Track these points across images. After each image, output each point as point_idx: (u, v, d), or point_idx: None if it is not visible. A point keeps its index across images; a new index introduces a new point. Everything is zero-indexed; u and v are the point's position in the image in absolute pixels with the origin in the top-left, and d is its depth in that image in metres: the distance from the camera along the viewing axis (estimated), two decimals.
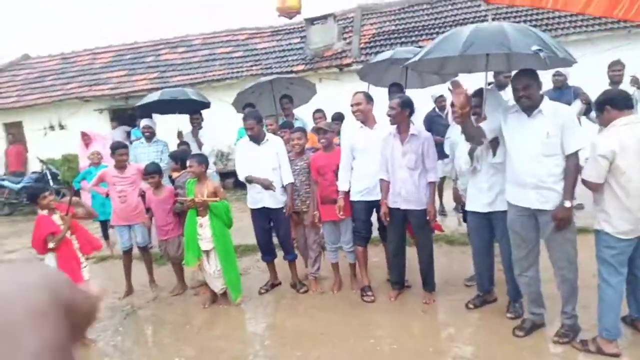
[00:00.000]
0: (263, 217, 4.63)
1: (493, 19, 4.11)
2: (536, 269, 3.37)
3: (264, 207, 4.57)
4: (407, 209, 3.96)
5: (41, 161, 10.91)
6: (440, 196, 6.48)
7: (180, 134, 6.46)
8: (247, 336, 3.97)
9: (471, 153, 3.61)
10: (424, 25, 10.99)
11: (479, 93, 3.62)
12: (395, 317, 3.92)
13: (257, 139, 4.54)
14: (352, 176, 4.24)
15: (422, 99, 5.95)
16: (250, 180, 4.46)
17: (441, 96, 6.26)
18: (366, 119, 4.19)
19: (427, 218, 3.94)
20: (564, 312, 3.25)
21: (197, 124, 6.40)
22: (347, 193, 4.25)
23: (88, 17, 38.75)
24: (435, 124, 6.05)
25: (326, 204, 4.35)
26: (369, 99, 4.21)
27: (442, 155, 4.92)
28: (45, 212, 4.05)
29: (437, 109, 6.36)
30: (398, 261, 4.23)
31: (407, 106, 3.92)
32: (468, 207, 3.80)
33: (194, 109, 6.50)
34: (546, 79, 4.19)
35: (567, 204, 3.01)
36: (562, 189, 3.04)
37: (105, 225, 6.42)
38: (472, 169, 3.67)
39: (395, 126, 3.97)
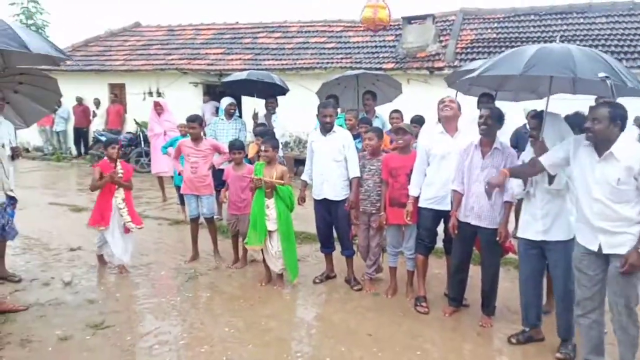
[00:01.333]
0: (323, 209, 4.69)
1: (562, 41, 3.82)
2: (601, 313, 3.07)
3: (324, 199, 4.62)
4: (478, 225, 3.80)
5: (137, 123, 11.76)
6: (517, 218, 6.13)
7: (255, 115, 6.69)
8: (295, 321, 4.03)
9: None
10: (528, 37, 10.40)
11: (538, 115, 3.40)
12: (447, 335, 3.79)
13: (326, 129, 4.58)
14: (423, 182, 4.14)
15: (512, 113, 5.67)
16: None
17: (534, 110, 5.88)
18: (450, 124, 4.06)
19: (497, 238, 3.76)
20: None
21: (271, 108, 6.60)
22: (417, 198, 4.16)
23: None
24: (523, 141, 5.72)
25: (394, 206, 4.28)
26: (459, 106, 4.10)
27: None
28: (107, 160, 5.01)
29: (527, 125, 6.00)
30: (459, 277, 4.08)
31: (499, 120, 3.76)
32: (519, 234, 3.57)
33: (272, 93, 6.69)
34: None
35: None
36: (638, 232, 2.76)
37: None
38: (526, 194, 3.45)
39: (478, 138, 3.81)
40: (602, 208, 2.85)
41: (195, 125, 5.22)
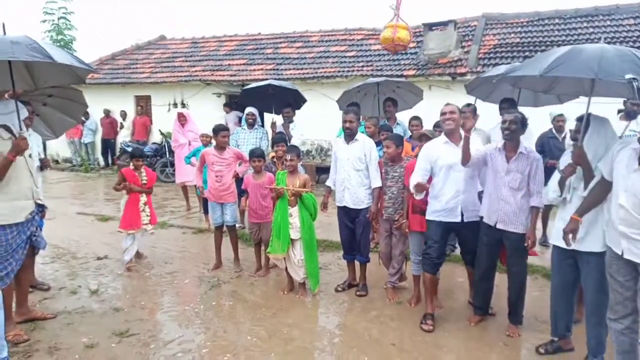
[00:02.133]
0: (345, 216, 4.69)
1: (608, 42, 3.65)
2: (635, 320, 2.91)
3: (345, 206, 4.62)
4: (504, 229, 3.72)
5: (162, 134, 11.99)
6: (545, 225, 6.00)
7: (274, 125, 6.73)
8: (318, 330, 4.00)
9: (562, 182, 3.29)
10: (552, 41, 10.20)
11: (580, 118, 3.27)
12: (472, 345, 3.71)
13: (349, 137, 4.58)
14: (431, 194, 4.03)
15: (534, 118, 5.58)
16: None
17: (560, 115, 5.77)
18: (454, 134, 3.97)
19: (525, 244, 3.67)
20: None
21: (288, 118, 6.63)
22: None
23: (221, 5, 41.65)
24: (549, 146, 5.61)
25: (416, 213, 4.23)
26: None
27: None
28: (132, 168, 5.45)
29: (553, 130, 5.87)
30: (485, 285, 3.99)
31: (524, 124, 3.69)
32: (552, 241, 3.46)
33: (289, 103, 6.73)
34: None
35: None
36: None
37: (206, 200, 6.89)
38: (562, 200, 3.34)
39: (502, 142, 3.75)
40: (625, 214, 2.75)
41: (227, 134, 5.36)
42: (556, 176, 3.38)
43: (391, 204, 4.46)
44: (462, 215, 3.93)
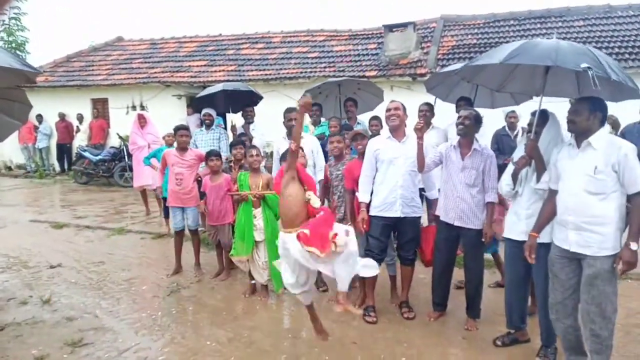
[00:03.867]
0: None
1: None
2: (575, 318, 3.00)
3: None
4: (460, 226, 3.78)
5: (120, 137, 11.66)
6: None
7: (233, 127, 6.64)
8: (280, 332, 3.96)
9: (515, 175, 3.37)
10: (507, 41, 10.43)
11: (534, 112, 3.35)
12: (433, 339, 3.74)
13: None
14: (372, 189, 4.03)
15: (490, 118, 5.73)
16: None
17: (512, 112, 5.99)
18: (397, 129, 4.02)
19: (482, 240, 3.74)
20: None
21: (250, 117, 6.57)
22: (369, 205, 4.04)
23: (180, 6, 40.93)
24: (503, 144, 5.76)
25: None
26: (405, 109, 4.08)
27: None
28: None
29: (507, 128, 6.07)
30: (443, 281, 4.04)
31: (478, 121, 3.77)
32: (505, 234, 3.55)
33: (247, 103, 6.68)
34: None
35: (634, 246, 2.70)
36: (629, 231, 2.74)
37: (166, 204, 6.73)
38: (514, 193, 3.43)
39: (457, 139, 3.81)
40: (577, 202, 2.83)
41: (186, 133, 5.21)
42: (509, 170, 3.45)
43: (342, 201, 4.46)
44: (401, 210, 3.94)
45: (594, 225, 2.78)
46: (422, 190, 4.26)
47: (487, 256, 4.31)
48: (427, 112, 5.39)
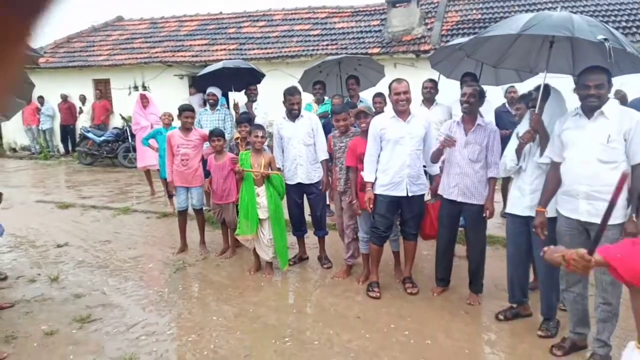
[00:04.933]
0: (297, 193, 4.76)
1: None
2: (584, 286, 3.09)
3: (298, 183, 4.67)
4: (463, 202, 3.79)
5: (123, 118, 11.64)
6: (505, 197, 6.15)
7: (236, 106, 6.60)
8: (285, 307, 4.02)
9: (519, 150, 3.37)
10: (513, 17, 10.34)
11: (537, 89, 3.35)
12: (435, 314, 3.80)
13: (294, 116, 4.63)
14: (377, 169, 4.02)
15: (493, 95, 5.70)
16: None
17: (512, 86, 5.96)
18: (405, 111, 3.97)
19: (484, 215, 3.76)
20: (598, 340, 2.96)
21: (253, 95, 6.53)
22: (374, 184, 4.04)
23: None
24: (503, 120, 5.73)
25: (364, 191, 4.23)
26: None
27: None
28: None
29: (506, 104, 6.04)
30: (447, 256, 4.08)
31: (482, 96, 3.76)
32: (508, 209, 3.58)
33: (250, 81, 6.61)
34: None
35: (638, 218, 2.72)
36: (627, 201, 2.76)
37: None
38: (517, 169, 3.43)
39: (461, 115, 3.80)
40: (589, 171, 2.84)
41: (191, 114, 5.19)
42: (513, 145, 3.45)
43: (343, 174, 4.46)
44: (407, 189, 3.95)
45: (606, 194, 2.78)
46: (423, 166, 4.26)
47: (489, 232, 4.33)
48: (431, 88, 5.35)
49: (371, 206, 3.99)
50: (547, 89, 3.31)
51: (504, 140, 3.72)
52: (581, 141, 2.89)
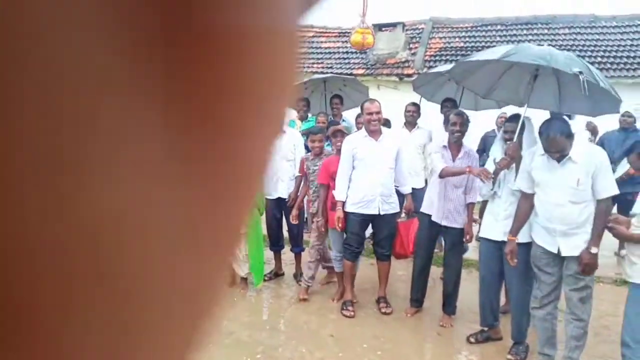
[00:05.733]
0: (277, 208, 4.78)
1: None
2: (555, 306, 3.17)
3: (278, 198, 4.71)
4: (446, 225, 3.87)
5: None
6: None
7: None
8: (257, 324, 3.98)
9: (495, 175, 3.47)
10: (494, 46, 10.62)
11: (515, 118, 3.48)
12: (408, 335, 3.82)
13: None
14: (350, 187, 4.04)
15: (477, 119, 5.84)
16: None
17: (504, 113, 6.13)
18: (376, 132, 4.04)
19: (464, 239, 3.84)
20: (569, 357, 3.05)
21: None
22: (344, 203, 4.06)
23: None
24: (490, 146, 5.88)
25: (335, 210, 4.17)
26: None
27: None
28: None
29: (495, 130, 6.19)
30: (422, 278, 4.13)
31: (468, 121, 3.88)
32: (481, 234, 3.66)
33: None
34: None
35: (594, 249, 2.83)
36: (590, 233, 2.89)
37: None
38: (492, 194, 3.53)
39: (446, 139, 3.90)
40: (563, 212, 2.96)
41: None
42: (490, 170, 3.55)
43: (316, 196, 4.46)
44: (380, 208, 4.01)
45: (580, 229, 2.92)
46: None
47: (466, 255, 4.40)
48: (414, 112, 5.45)
49: (340, 225, 4.02)
50: (518, 117, 3.45)
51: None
52: (553, 184, 2.99)
